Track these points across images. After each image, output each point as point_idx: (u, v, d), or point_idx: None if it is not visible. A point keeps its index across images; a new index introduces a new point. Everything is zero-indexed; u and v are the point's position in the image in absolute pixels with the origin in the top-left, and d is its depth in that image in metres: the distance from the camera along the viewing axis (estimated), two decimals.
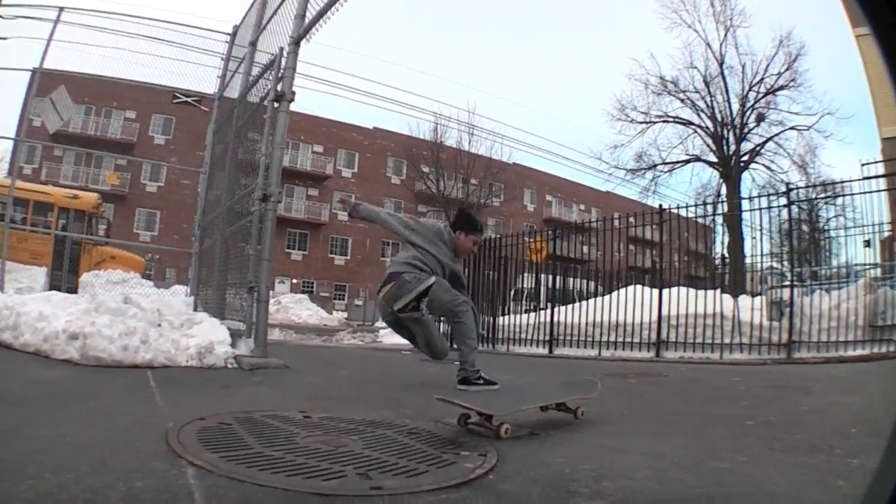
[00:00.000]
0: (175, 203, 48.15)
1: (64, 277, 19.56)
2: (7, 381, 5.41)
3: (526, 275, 17.16)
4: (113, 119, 53.13)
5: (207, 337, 8.16)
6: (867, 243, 13.26)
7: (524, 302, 17.39)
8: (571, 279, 16.08)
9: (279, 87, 8.53)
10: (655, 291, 12.80)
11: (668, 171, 40.47)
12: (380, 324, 43.37)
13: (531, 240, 16.53)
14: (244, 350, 8.22)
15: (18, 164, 18.44)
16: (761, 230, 12.78)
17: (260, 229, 8.36)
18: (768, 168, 37.79)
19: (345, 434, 3.80)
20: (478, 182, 57.26)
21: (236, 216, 9.69)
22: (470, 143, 57.97)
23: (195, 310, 11.09)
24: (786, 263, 14.30)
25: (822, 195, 12.29)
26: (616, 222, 14.77)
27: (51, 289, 17.51)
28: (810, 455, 3.55)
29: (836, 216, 11.63)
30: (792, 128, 36.67)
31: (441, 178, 57.84)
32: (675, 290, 12.61)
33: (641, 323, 12.62)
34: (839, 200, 12.00)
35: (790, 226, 13.90)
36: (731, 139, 38.47)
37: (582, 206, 71.60)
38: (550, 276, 16.08)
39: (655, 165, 40.40)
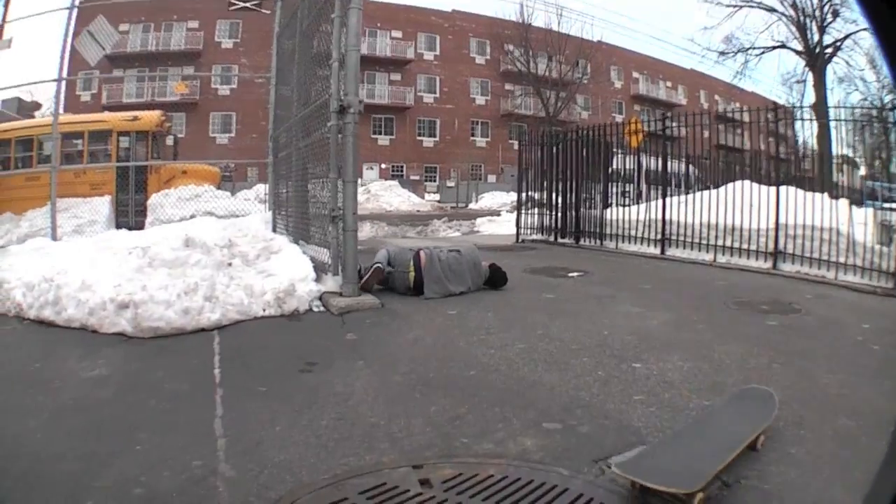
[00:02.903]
0: (251, 102, 45.29)
1: (131, 204, 18.55)
2: (29, 399, 4.27)
3: (621, 156, 15.56)
4: (174, 32, 51.38)
5: (287, 275, 7.12)
6: None
7: (620, 184, 15.81)
8: (667, 161, 14.22)
9: None
10: (768, 191, 11.31)
11: (759, 54, 37.97)
12: (473, 205, 43.19)
13: (629, 122, 15.08)
14: (332, 285, 7.19)
15: (76, 92, 17.84)
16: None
17: (340, 147, 7.20)
18: (847, 63, 35.21)
19: None
20: (565, 61, 55.10)
21: (310, 126, 8.45)
22: (559, 23, 56.50)
23: (274, 229, 10.05)
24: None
25: None
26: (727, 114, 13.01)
27: (117, 217, 17.31)
28: None
29: None
30: (866, 28, 33.52)
31: (530, 57, 55.86)
32: (791, 192, 11.06)
33: (758, 230, 11.21)
34: None
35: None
36: (815, 29, 35.93)
37: (668, 84, 69.48)
38: (651, 160, 14.70)
39: (746, 49, 37.82)
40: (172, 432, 3.71)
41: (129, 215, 17.90)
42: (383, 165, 55.88)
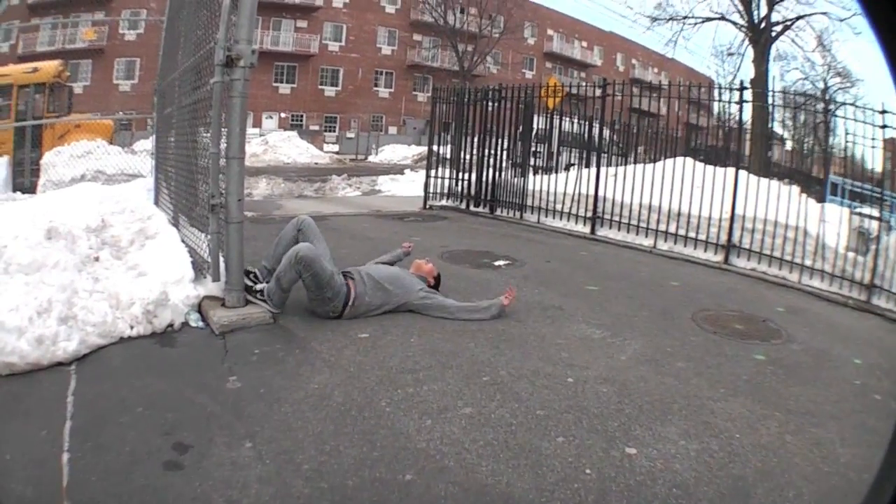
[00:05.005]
0: (156, 47, 44.85)
1: (27, 163, 17.40)
2: None
3: (547, 118, 14.14)
4: None
5: (159, 276, 5.59)
6: None
7: (539, 147, 14.45)
8: (602, 130, 12.90)
9: None
10: (724, 176, 10.06)
11: (695, 24, 36.28)
12: (373, 157, 42.26)
13: (551, 85, 14.26)
14: (213, 289, 5.70)
15: None
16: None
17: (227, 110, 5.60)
18: (794, 42, 34.24)
19: None
20: (480, 13, 53.96)
21: (196, 81, 6.72)
22: None
23: (157, 200, 8.64)
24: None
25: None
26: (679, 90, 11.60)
27: (14, 178, 16.79)
28: None
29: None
30: (823, 13, 32.45)
31: (446, 7, 54.59)
32: (751, 180, 9.91)
33: (709, 218, 10.11)
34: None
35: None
36: (762, 3, 33.61)
37: (584, 44, 69.36)
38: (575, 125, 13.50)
39: (682, 17, 36.12)
40: None
41: (25, 175, 17.16)
42: (283, 114, 54.58)
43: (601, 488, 3.31)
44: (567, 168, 13.38)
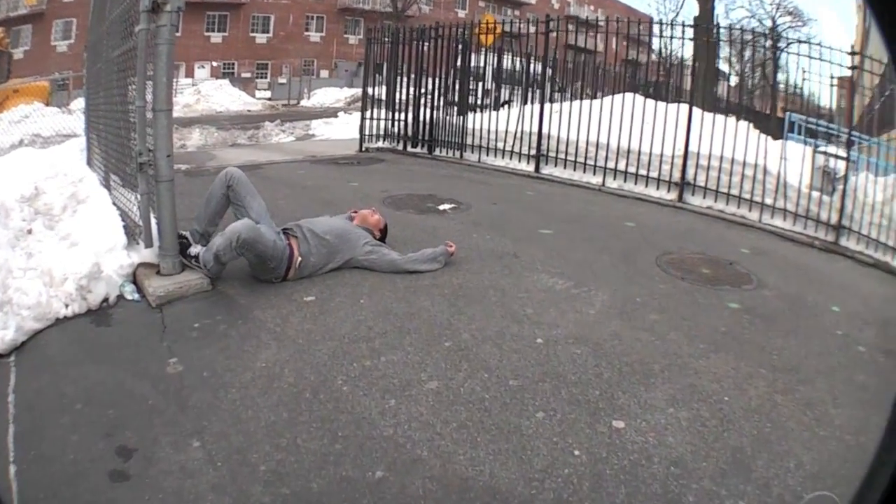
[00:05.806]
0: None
1: None
2: None
3: (481, 56, 13.69)
4: None
5: (91, 247, 5.06)
6: None
7: (476, 85, 13.93)
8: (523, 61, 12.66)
9: None
10: (677, 112, 9.73)
11: None
12: (305, 101, 41.49)
13: (485, 22, 13.43)
14: (147, 255, 5.19)
15: None
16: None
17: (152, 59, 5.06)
18: None
19: None
20: None
21: (125, 32, 6.07)
22: None
23: (90, 160, 8.03)
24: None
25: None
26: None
27: None
28: None
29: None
30: None
31: None
32: (706, 117, 9.49)
33: (661, 155, 9.76)
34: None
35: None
36: None
37: None
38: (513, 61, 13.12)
39: None
40: None
41: None
42: (214, 63, 53.21)
43: (594, 472, 2.96)
44: (504, 105, 12.94)
